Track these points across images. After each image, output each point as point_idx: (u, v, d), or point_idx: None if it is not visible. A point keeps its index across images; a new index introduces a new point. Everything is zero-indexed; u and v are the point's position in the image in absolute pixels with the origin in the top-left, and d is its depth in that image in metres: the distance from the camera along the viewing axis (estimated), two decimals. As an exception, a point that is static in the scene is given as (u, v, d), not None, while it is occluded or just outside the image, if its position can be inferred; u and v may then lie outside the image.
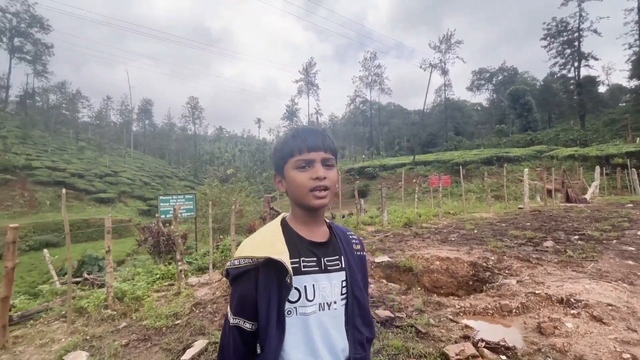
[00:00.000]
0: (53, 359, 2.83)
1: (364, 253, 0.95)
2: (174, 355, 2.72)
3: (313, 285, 0.77)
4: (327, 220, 0.91)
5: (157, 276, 5.06)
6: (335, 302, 0.80)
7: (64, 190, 3.85)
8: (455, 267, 4.84)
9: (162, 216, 6.84)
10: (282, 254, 0.73)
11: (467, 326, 2.88)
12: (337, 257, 0.84)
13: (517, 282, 3.90)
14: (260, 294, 0.74)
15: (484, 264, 4.73)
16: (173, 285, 4.69)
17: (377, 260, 5.23)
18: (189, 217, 7.87)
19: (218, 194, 14.46)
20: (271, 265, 0.73)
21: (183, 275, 4.60)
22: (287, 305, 0.75)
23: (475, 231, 7.42)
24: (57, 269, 8.06)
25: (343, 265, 0.84)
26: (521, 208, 11.50)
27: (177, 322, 3.39)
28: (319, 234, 0.84)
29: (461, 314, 3.16)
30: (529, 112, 44.85)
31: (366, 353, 0.84)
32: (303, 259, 0.78)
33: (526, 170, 12.25)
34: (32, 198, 25.28)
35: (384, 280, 4.62)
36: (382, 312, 3.13)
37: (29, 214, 23.09)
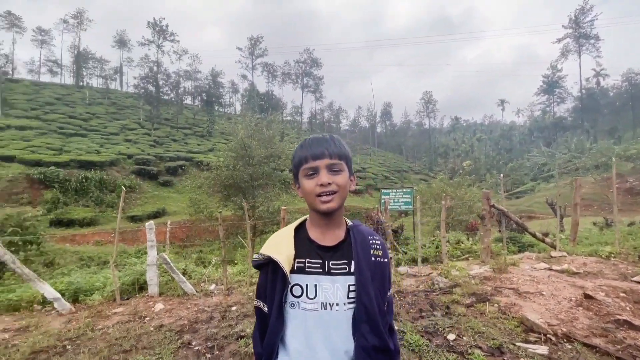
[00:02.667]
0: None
1: (386, 260, 0.89)
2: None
3: (315, 285, 0.83)
4: (350, 222, 0.92)
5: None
6: (337, 305, 0.82)
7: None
8: None
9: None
10: (281, 254, 0.83)
11: None
12: (346, 261, 0.85)
13: None
14: (269, 284, 0.87)
15: None
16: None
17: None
18: (408, 210, 8.31)
19: (444, 187, 14.10)
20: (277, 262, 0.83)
21: (392, 263, 5.01)
22: (292, 299, 0.84)
23: None
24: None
25: (351, 270, 0.84)
26: None
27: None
28: (330, 238, 0.88)
29: None
30: None
31: None
32: (308, 259, 0.85)
33: None
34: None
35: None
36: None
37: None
